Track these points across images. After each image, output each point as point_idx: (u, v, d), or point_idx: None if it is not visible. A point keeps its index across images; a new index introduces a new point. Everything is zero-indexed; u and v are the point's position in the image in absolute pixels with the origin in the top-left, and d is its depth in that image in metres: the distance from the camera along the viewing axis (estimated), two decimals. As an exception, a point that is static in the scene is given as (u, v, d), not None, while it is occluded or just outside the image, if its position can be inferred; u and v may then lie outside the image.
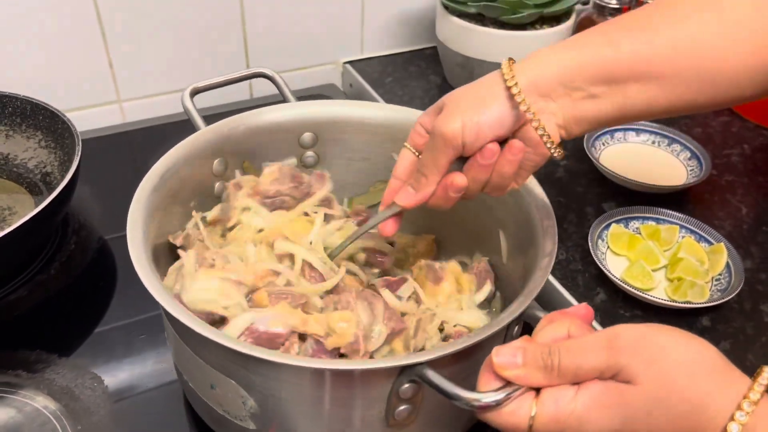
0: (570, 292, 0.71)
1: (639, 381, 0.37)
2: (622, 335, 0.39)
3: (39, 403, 0.59)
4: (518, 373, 0.39)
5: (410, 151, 0.56)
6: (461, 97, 0.51)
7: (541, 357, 0.39)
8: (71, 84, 0.94)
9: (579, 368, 0.39)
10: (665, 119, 0.99)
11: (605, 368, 0.38)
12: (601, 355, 0.38)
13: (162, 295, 0.48)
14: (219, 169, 0.67)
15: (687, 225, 0.77)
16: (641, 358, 0.38)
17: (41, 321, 0.69)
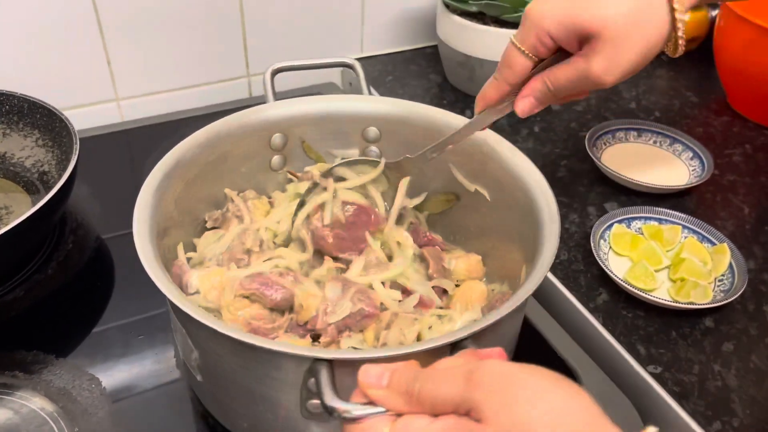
0: (572, 292, 0.70)
1: (489, 422, 0.33)
2: (486, 371, 0.35)
3: (36, 404, 0.59)
4: (379, 395, 0.37)
5: (524, 56, 0.50)
6: (621, 31, 0.45)
7: (405, 382, 0.37)
8: (69, 82, 0.93)
9: (435, 398, 0.36)
10: (666, 119, 0.99)
11: (460, 401, 0.35)
12: (457, 387, 0.35)
13: (167, 286, 0.48)
14: (278, 144, 0.69)
15: (689, 225, 0.76)
16: (497, 398, 0.34)
17: (38, 321, 0.68)
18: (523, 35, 0.49)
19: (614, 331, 0.66)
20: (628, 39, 0.45)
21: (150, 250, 0.52)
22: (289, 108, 0.69)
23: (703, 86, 1.08)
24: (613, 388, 0.62)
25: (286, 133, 0.69)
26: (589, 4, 0.45)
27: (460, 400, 0.35)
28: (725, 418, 0.59)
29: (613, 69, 0.46)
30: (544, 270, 0.50)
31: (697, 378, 0.62)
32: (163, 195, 0.59)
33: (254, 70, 1.04)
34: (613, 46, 0.46)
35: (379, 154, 0.71)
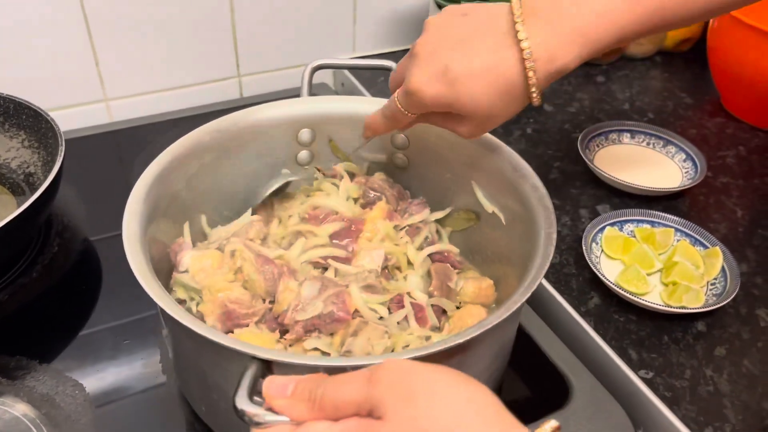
0: (564, 296, 0.70)
1: (389, 418, 0.34)
2: (385, 368, 0.36)
3: (18, 410, 0.58)
4: (283, 404, 0.38)
5: (409, 116, 0.57)
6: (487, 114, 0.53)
7: (308, 389, 0.37)
8: (57, 82, 0.92)
9: (337, 401, 0.36)
10: (660, 121, 0.98)
11: (362, 401, 0.35)
12: (358, 387, 0.36)
13: (156, 292, 0.48)
14: (305, 139, 0.69)
15: (682, 228, 0.76)
16: (397, 394, 0.34)
17: (22, 326, 0.67)
18: (407, 105, 0.55)
19: (606, 336, 0.66)
20: (492, 120, 0.54)
21: (136, 232, 0.52)
22: (320, 105, 0.69)
23: (696, 87, 1.08)
24: (605, 393, 0.61)
25: (314, 130, 0.69)
26: (464, 96, 0.51)
27: (362, 400, 0.35)
28: (717, 424, 0.58)
29: (476, 134, 0.56)
30: (537, 280, 0.49)
31: (688, 383, 0.62)
32: (169, 175, 0.59)
33: (245, 71, 1.04)
34: (480, 122, 0.54)
35: (406, 162, 0.71)
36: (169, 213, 0.60)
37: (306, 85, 0.71)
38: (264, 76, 1.05)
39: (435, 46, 0.52)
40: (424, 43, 0.53)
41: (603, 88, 1.07)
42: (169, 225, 0.61)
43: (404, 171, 0.71)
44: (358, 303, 0.56)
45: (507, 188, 0.61)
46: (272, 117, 0.68)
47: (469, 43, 0.51)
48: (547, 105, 1.01)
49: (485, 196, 0.65)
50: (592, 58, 0.52)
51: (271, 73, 1.06)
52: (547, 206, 0.56)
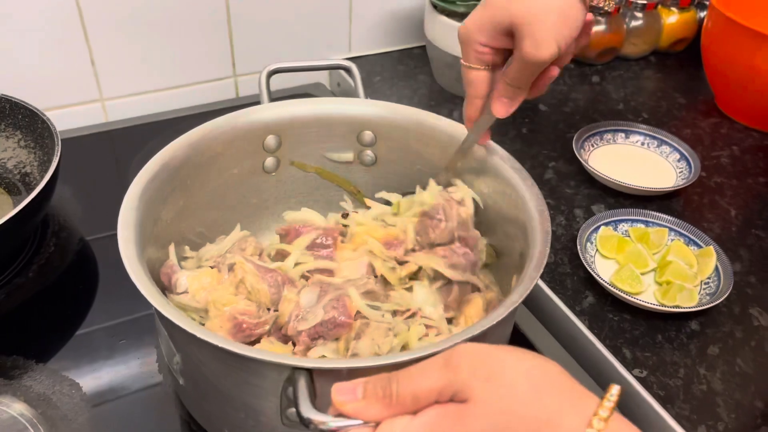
0: (558, 295, 0.70)
1: (476, 399, 0.35)
2: (459, 352, 0.37)
3: (15, 410, 0.58)
4: (357, 407, 0.37)
5: (479, 70, 0.56)
6: (531, 12, 0.50)
7: (381, 387, 0.37)
8: (52, 82, 0.92)
9: (416, 392, 0.36)
10: (654, 121, 0.99)
11: (443, 387, 0.36)
12: (437, 374, 0.36)
13: (151, 293, 0.48)
14: (271, 145, 0.68)
15: (676, 228, 0.76)
16: (479, 374, 0.35)
17: (19, 326, 0.67)
18: (464, 54, 0.55)
19: (600, 335, 0.66)
20: (536, 16, 0.50)
21: (134, 254, 0.51)
22: (283, 109, 0.68)
23: (690, 87, 1.08)
24: (599, 392, 0.61)
25: (280, 135, 0.69)
26: (500, 6, 0.51)
27: (443, 385, 0.36)
28: (710, 422, 0.59)
29: (539, 44, 0.51)
30: (533, 280, 0.50)
31: (682, 382, 0.62)
32: (150, 197, 0.57)
33: (241, 71, 1.04)
34: (529, 26, 0.51)
35: (374, 158, 0.71)
36: (154, 235, 0.59)
37: (264, 91, 0.70)
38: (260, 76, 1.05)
39: None
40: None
41: (598, 88, 1.07)
42: (156, 248, 0.60)
43: (371, 167, 0.71)
44: (358, 305, 0.55)
45: (500, 188, 0.62)
46: (239, 125, 0.66)
47: None
48: (542, 105, 1.02)
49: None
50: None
51: (268, 73, 1.06)
52: (542, 210, 0.56)
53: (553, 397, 0.35)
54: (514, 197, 0.59)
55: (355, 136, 0.70)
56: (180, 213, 0.62)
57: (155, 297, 0.47)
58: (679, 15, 1.12)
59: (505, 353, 0.37)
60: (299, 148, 0.70)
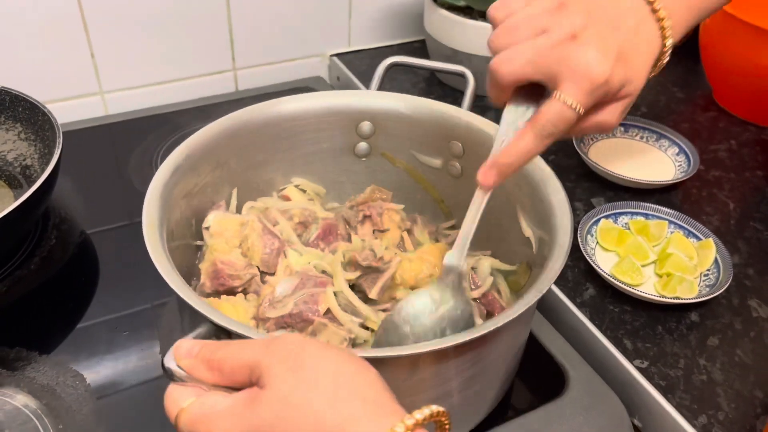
0: (559, 287, 0.70)
1: (271, 386, 0.35)
2: (283, 340, 0.37)
3: (19, 401, 0.58)
4: (187, 363, 0.38)
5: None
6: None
7: (210, 351, 0.38)
8: (52, 74, 0.92)
9: (232, 363, 0.37)
10: (652, 115, 0.99)
11: (253, 365, 0.36)
12: (254, 351, 0.37)
13: (175, 280, 0.47)
14: (365, 131, 0.70)
15: (676, 220, 0.77)
16: (287, 363, 0.35)
17: (21, 318, 0.67)
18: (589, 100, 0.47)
19: (601, 326, 0.66)
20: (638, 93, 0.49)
21: (158, 239, 0.51)
22: (381, 99, 0.69)
23: (689, 82, 1.09)
24: (601, 383, 0.62)
25: (374, 123, 0.69)
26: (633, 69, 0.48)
27: (254, 365, 0.36)
28: (711, 412, 0.59)
29: (622, 117, 0.50)
30: (549, 282, 0.50)
31: (682, 372, 0.63)
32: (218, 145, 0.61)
33: (240, 64, 1.04)
34: (631, 103, 0.49)
35: (460, 172, 0.69)
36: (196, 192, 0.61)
37: (377, 81, 0.73)
38: (259, 69, 1.05)
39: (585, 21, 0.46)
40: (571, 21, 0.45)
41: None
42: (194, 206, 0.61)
43: (457, 180, 0.70)
44: (331, 304, 0.55)
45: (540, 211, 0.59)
46: (335, 105, 0.69)
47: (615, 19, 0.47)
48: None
49: (527, 222, 0.62)
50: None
51: (266, 67, 1.06)
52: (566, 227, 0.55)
53: (352, 404, 0.34)
54: (548, 222, 0.58)
55: (447, 144, 0.68)
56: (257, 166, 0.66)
57: (175, 280, 0.47)
58: (677, 10, 1.13)
59: (324, 350, 0.36)
60: (391, 141, 0.71)
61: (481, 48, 0.96)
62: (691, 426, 0.58)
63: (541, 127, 0.46)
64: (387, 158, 0.72)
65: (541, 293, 0.48)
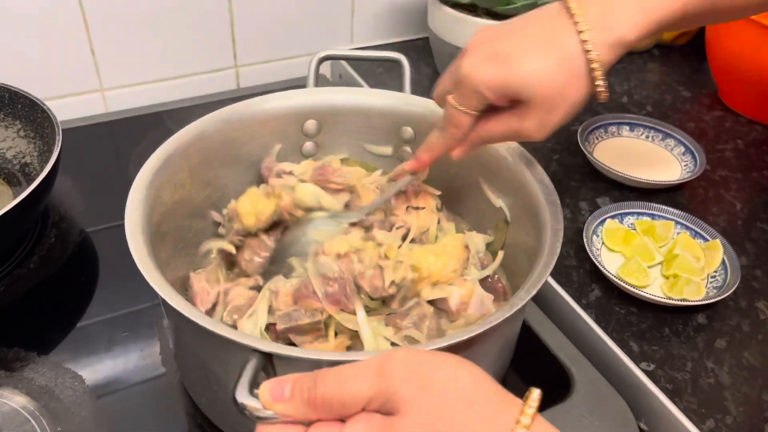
0: (564, 288, 0.70)
1: (407, 410, 0.34)
2: (396, 359, 0.35)
3: (17, 402, 0.57)
4: (283, 408, 0.36)
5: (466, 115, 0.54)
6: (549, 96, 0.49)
7: (306, 389, 0.35)
8: (52, 72, 0.91)
9: (343, 398, 0.35)
10: (658, 114, 0.98)
11: (373, 395, 0.34)
12: (368, 381, 0.34)
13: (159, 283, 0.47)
14: (311, 130, 0.69)
15: (682, 221, 0.76)
16: (413, 385, 0.34)
17: (19, 317, 0.66)
18: (461, 99, 0.52)
19: (607, 328, 0.66)
20: (556, 104, 0.50)
21: (140, 240, 0.51)
22: (324, 96, 0.69)
23: (694, 81, 1.08)
24: (606, 385, 0.61)
25: (320, 121, 0.69)
26: (519, 72, 0.49)
27: (373, 393, 0.34)
28: (718, 416, 0.59)
29: (543, 129, 0.51)
30: (544, 276, 0.49)
31: (689, 375, 0.62)
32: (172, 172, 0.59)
33: (242, 62, 1.03)
34: (543, 110, 0.50)
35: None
36: (174, 199, 0.60)
37: (312, 76, 0.71)
38: (261, 67, 1.05)
39: (485, 38, 0.51)
40: (473, 40, 0.52)
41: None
42: (175, 214, 0.60)
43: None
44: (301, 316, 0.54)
45: (513, 183, 0.61)
46: (277, 107, 0.67)
47: (522, 29, 0.50)
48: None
49: (492, 191, 0.64)
50: (655, 33, 0.51)
51: (268, 64, 1.05)
52: (554, 202, 0.56)
53: (482, 405, 0.34)
54: (525, 191, 0.59)
55: (396, 131, 0.69)
56: (208, 185, 0.64)
57: (146, 265, 0.48)
58: (682, 8, 1.12)
59: (437, 360, 0.36)
60: (339, 137, 0.70)
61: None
62: (698, 430, 0.57)
63: (442, 126, 0.55)
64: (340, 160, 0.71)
65: (540, 282, 0.48)
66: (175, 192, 0.60)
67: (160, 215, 0.56)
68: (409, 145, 0.70)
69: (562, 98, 0.49)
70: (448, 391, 0.34)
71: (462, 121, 0.53)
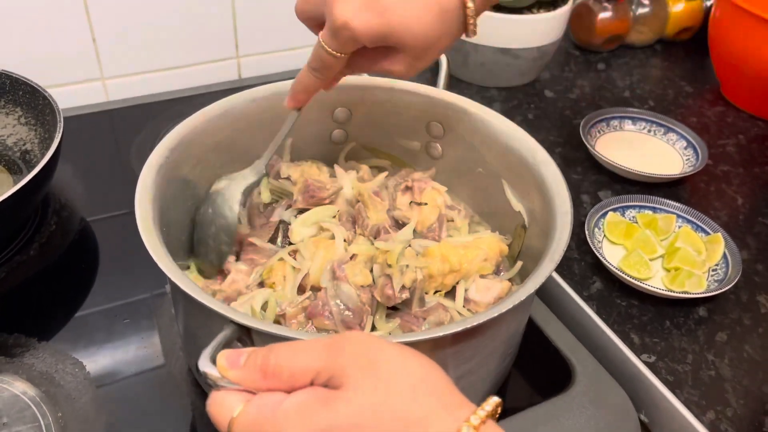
0: (566, 280, 0.70)
1: (350, 386, 0.34)
2: (348, 338, 0.36)
3: (17, 388, 0.57)
4: (237, 375, 0.36)
5: (338, 58, 0.53)
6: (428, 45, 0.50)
7: (261, 357, 0.36)
8: (52, 59, 0.90)
9: (293, 368, 0.35)
10: (660, 109, 0.98)
11: (321, 368, 0.35)
12: (317, 354, 0.35)
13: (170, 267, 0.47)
14: (341, 117, 0.69)
15: (684, 214, 0.76)
16: (359, 364, 0.34)
17: (20, 304, 0.66)
18: (335, 43, 0.51)
19: (608, 320, 0.66)
20: (428, 52, 0.50)
21: (151, 225, 0.51)
22: (355, 84, 0.67)
23: (697, 76, 1.08)
24: (607, 377, 0.61)
25: (350, 109, 0.68)
26: (399, 21, 0.49)
27: (321, 367, 0.35)
28: (719, 408, 0.59)
29: (411, 71, 0.52)
30: (551, 268, 0.50)
31: (690, 367, 0.62)
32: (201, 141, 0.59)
33: (243, 52, 1.02)
34: (414, 56, 0.50)
35: (441, 153, 0.69)
36: (192, 174, 0.60)
37: None
38: (263, 57, 1.04)
39: None
40: None
41: (603, 75, 1.06)
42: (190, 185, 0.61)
43: (438, 161, 0.70)
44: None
45: (531, 185, 0.60)
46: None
47: None
48: (547, 91, 1.01)
49: (514, 195, 0.63)
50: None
51: (269, 55, 1.05)
52: (565, 204, 0.56)
53: (429, 398, 0.34)
54: (540, 192, 0.58)
55: (425, 126, 0.68)
56: (236, 159, 0.63)
57: (167, 265, 0.47)
58: (685, 3, 1.12)
59: (391, 348, 0.36)
60: (368, 127, 0.70)
61: (487, 38, 0.95)
62: (698, 422, 0.57)
63: (309, 62, 0.54)
64: (367, 150, 0.71)
65: (543, 278, 0.49)
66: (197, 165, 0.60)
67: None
68: (439, 141, 0.69)
69: (436, 45, 0.50)
70: (396, 378, 0.34)
71: (335, 63, 0.53)
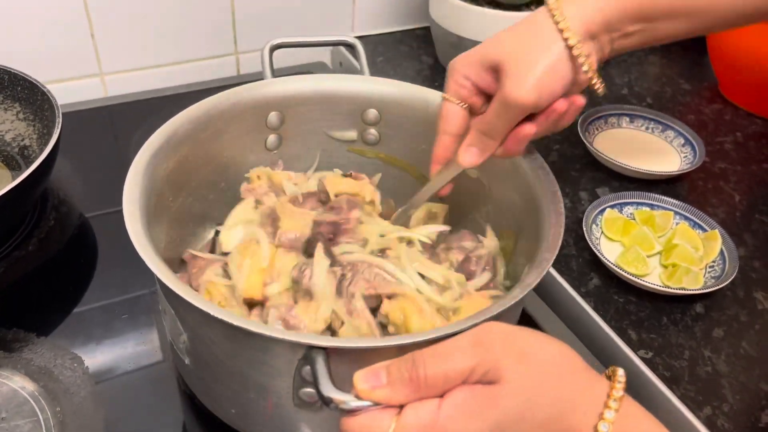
0: (564, 276, 0.70)
1: (508, 378, 0.35)
2: (488, 330, 0.37)
3: (16, 383, 0.57)
4: (384, 394, 0.36)
5: (455, 104, 0.56)
6: (521, 54, 0.51)
7: (406, 370, 0.36)
8: (51, 55, 0.90)
9: (447, 373, 0.35)
10: (658, 106, 0.98)
11: (475, 365, 0.35)
12: (468, 353, 0.36)
13: (156, 264, 0.46)
14: (274, 122, 0.67)
15: (681, 211, 0.76)
16: (511, 353, 0.36)
17: (18, 299, 0.66)
18: (448, 86, 0.55)
19: (606, 316, 0.66)
20: (524, 58, 0.51)
21: (141, 230, 0.50)
22: (286, 85, 0.67)
23: (694, 73, 1.08)
24: (604, 373, 0.61)
25: (282, 112, 0.67)
26: (491, 43, 0.53)
27: (475, 365, 0.35)
28: (715, 403, 0.59)
29: (521, 85, 0.51)
30: (545, 266, 0.50)
31: (687, 363, 0.62)
32: (153, 171, 0.56)
33: (243, 48, 1.02)
34: (515, 66, 0.51)
35: (378, 138, 0.70)
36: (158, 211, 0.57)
37: (267, 66, 0.69)
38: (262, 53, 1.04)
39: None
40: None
41: (601, 72, 1.06)
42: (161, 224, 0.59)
43: (375, 146, 0.70)
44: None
45: (519, 181, 0.61)
46: (242, 101, 0.65)
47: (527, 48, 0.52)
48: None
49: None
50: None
51: (271, 51, 1.04)
52: (554, 191, 0.56)
53: (572, 377, 0.36)
54: (523, 177, 0.59)
55: (359, 115, 0.68)
56: (181, 189, 0.61)
57: (164, 272, 0.46)
58: (683, 1, 1.12)
59: (531, 335, 0.38)
60: (302, 125, 0.69)
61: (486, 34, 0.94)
62: (695, 417, 0.57)
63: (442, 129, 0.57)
64: (355, 152, 0.71)
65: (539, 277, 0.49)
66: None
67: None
68: (374, 127, 0.69)
69: (531, 54, 0.51)
70: (544, 363, 0.36)
71: (451, 113, 0.56)
